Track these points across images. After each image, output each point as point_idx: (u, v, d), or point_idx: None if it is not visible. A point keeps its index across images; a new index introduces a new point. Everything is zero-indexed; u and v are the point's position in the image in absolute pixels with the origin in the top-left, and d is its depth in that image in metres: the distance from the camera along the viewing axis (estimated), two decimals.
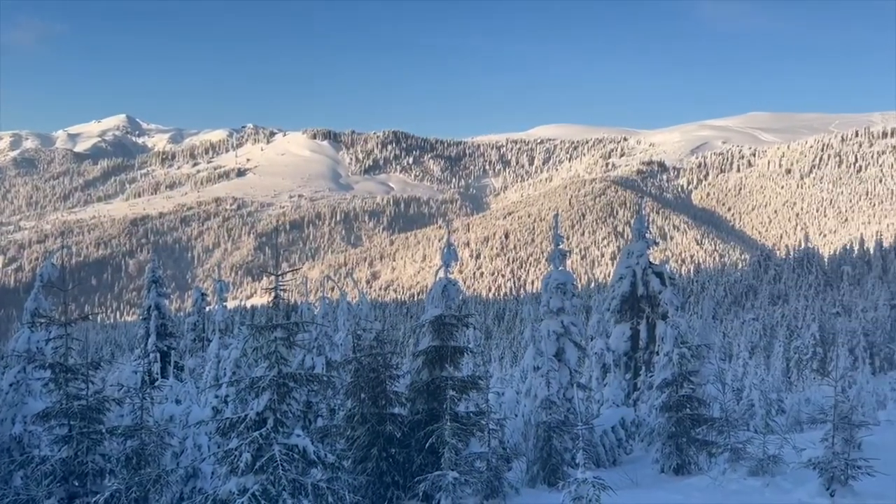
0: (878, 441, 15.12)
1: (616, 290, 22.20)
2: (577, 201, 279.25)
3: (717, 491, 11.29)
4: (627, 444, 17.97)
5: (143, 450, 11.44)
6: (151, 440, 11.63)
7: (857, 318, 77.77)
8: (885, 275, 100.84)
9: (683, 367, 14.84)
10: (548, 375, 15.50)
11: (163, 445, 12.09)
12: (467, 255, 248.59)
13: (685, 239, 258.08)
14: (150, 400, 12.39)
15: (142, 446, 11.40)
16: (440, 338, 13.40)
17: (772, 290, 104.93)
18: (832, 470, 10.30)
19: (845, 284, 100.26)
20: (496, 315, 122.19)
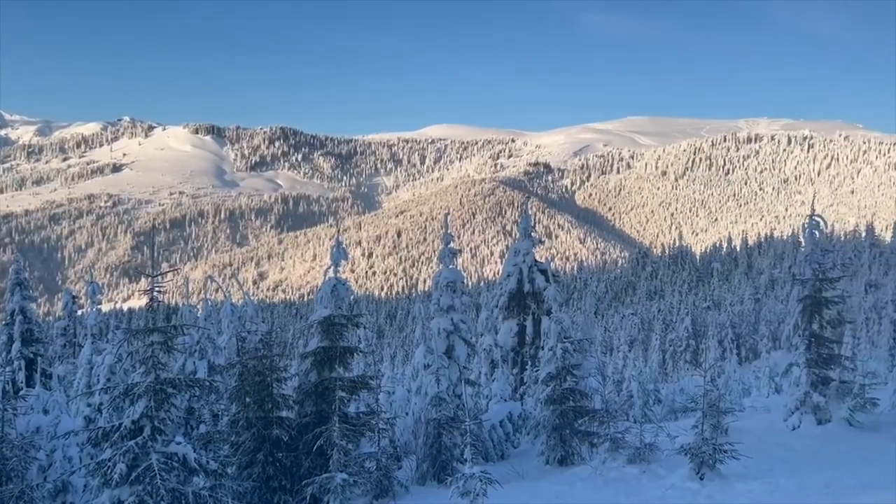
0: (742, 426, 16.27)
1: (504, 287, 22.71)
2: (468, 201, 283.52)
3: (598, 479, 11.77)
4: (515, 438, 18.40)
5: (5, 465, 10.61)
6: (14, 454, 10.81)
7: (726, 311, 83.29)
8: (750, 271, 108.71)
9: (566, 361, 15.36)
10: (438, 373, 15.61)
11: (27, 459, 11.26)
12: (359, 253, 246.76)
13: (569, 237, 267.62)
14: (12, 411, 11.51)
15: (2, 461, 10.56)
16: (329, 338, 13.20)
17: (649, 286, 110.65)
18: (702, 455, 10.98)
19: (715, 280, 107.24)
20: (388, 314, 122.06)
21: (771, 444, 13.67)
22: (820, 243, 18.12)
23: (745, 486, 10.36)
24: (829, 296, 17.73)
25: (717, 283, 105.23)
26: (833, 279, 18.06)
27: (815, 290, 17.31)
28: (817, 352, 17.05)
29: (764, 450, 13.01)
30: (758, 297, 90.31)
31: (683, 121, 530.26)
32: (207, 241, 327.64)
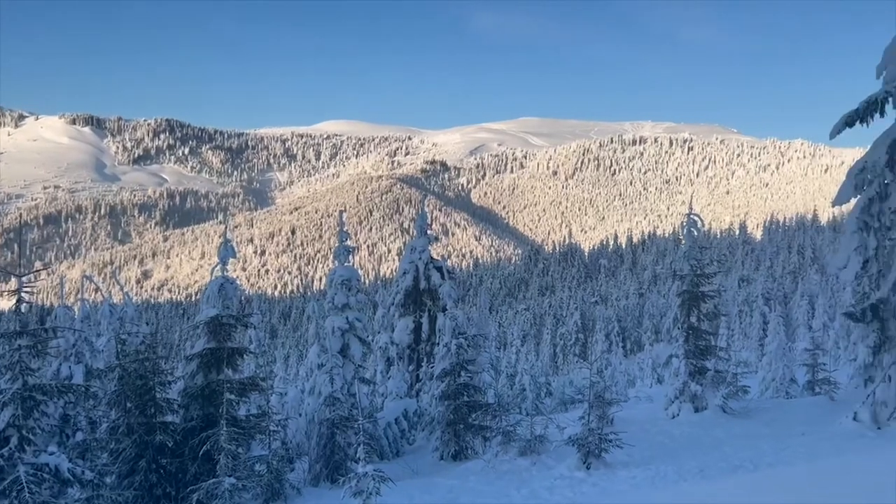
0: (627, 416, 17.01)
1: (400, 284, 22.68)
2: (365, 198, 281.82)
3: (491, 472, 11.98)
4: (410, 435, 18.43)
5: None
6: None
7: (612, 306, 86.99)
8: (635, 267, 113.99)
9: (461, 357, 15.53)
10: (332, 372, 15.40)
11: None
12: (251, 251, 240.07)
13: (465, 235, 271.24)
14: None
15: None
16: (217, 339, 12.74)
17: (541, 282, 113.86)
18: (588, 445, 11.38)
19: (602, 276, 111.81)
20: (282, 313, 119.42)
21: (653, 433, 14.35)
22: (698, 241, 19.18)
23: (627, 473, 10.84)
24: (705, 290, 18.79)
25: (604, 278, 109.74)
26: (709, 274, 19.16)
27: (692, 284, 18.30)
28: (695, 343, 18.05)
29: (646, 438, 13.64)
30: (642, 292, 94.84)
31: (573, 122, 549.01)
32: (86, 238, 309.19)
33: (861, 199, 13.78)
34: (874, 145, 13.75)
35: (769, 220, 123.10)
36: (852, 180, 13.86)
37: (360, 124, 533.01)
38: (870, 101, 13.69)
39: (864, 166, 13.69)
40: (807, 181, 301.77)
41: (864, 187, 13.78)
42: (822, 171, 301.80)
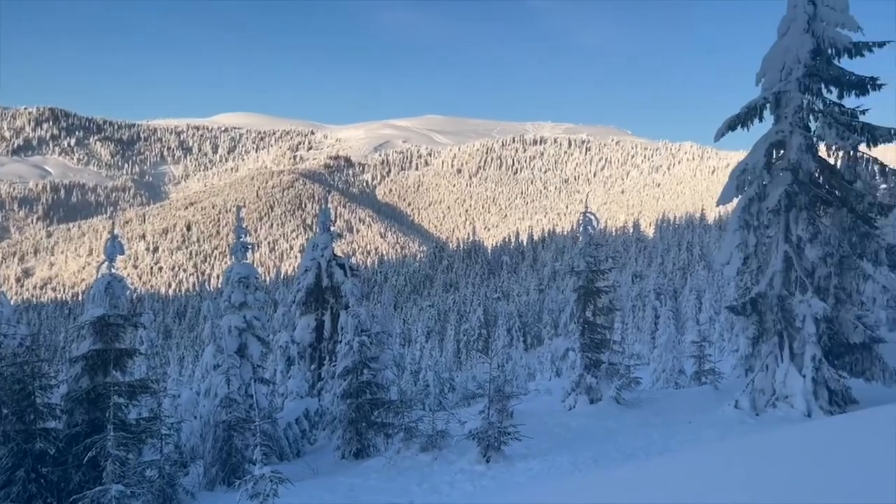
0: (526, 409, 17.40)
1: (301, 282, 22.26)
2: (265, 193, 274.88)
3: (393, 469, 11.96)
4: (312, 435, 18.15)
5: None
6: None
7: (514, 301, 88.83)
8: (535, 264, 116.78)
9: (364, 355, 15.42)
10: (228, 373, 14.94)
11: None
12: (143, 248, 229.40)
13: (370, 232, 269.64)
14: None
15: None
16: (103, 340, 12.09)
17: (445, 279, 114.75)
18: (488, 439, 11.56)
19: (504, 272, 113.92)
20: (177, 313, 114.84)
21: (550, 424, 14.74)
22: (593, 238, 19.85)
23: (525, 465, 11.09)
24: (600, 286, 19.47)
25: (506, 275, 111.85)
26: (604, 271, 19.87)
27: (588, 280, 18.92)
28: (590, 337, 18.68)
29: (544, 430, 14.00)
30: (542, 287, 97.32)
31: (476, 121, 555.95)
32: None
33: (742, 199, 14.64)
34: (754, 148, 14.63)
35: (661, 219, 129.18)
36: (734, 181, 14.70)
37: (260, 117, 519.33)
38: (750, 106, 14.56)
39: (744, 168, 14.55)
40: (695, 182, 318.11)
41: (744, 188, 14.64)
42: (709, 172, 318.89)
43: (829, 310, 13.83)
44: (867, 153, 14.53)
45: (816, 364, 13.67)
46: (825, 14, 13.76)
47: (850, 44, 13.71)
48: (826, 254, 14.14)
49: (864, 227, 14.35)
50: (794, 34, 13.99)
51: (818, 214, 14.40)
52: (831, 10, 13.68)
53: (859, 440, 5.81)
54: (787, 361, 14.06)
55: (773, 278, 14.36)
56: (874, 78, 13.75)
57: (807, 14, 13.81)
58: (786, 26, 14.25)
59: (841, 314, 14.50)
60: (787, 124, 14.08)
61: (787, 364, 14.04)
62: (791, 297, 14.12)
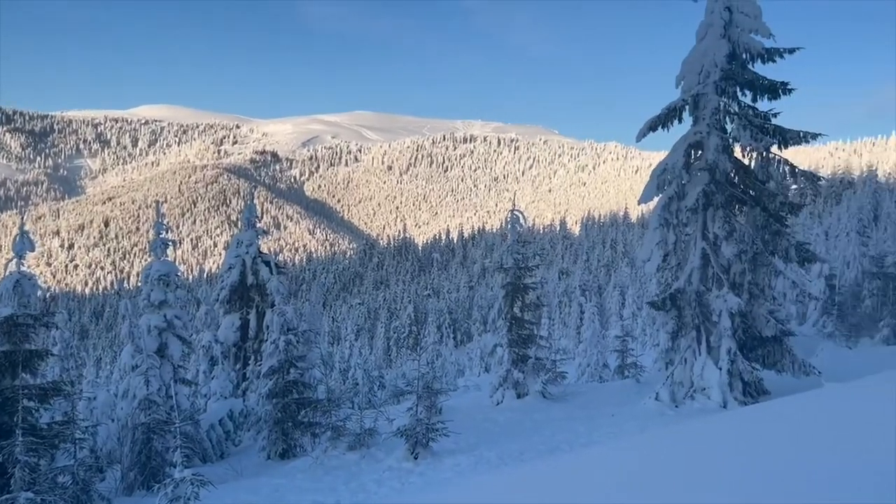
0: (455, 405, 17.48)
1: (225, 279, 21.70)
2: (188, 188, 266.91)
3: (319, 469, 11.80)
4: (236, 436, 17.73)
5: None
6: None
7: (444, 298, 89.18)
8: (465, 261, 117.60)
9: (290, 354, 15.16)
10: (148, 374, 14.42)
11: None
12: (57, 244, 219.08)
13: (298, 228, 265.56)
14: None
15: None
16: (12, 341, 11.43)
17: (375, 277, 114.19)
18: (416, 435, 11.55)
19: (435, 269, 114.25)
20: (94, 312, 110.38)
21: (478, 420, 14.86)
22: (521, 236, 20.10)
23: (453, 460, 11.14)
24: (527, 282, 19.75)
25: (436, 272, 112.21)
26: (531, 267, 20.17)
27: (516, 277, 19.16)
28: (518, 333, 18.93)
29: (472, 425, 14.10)
30: (472, 284, 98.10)
31: (407, 118, 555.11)
32: None
33: (662, 197, 15.11)
34: (673, 149, 15.12)
35: (586, 217, 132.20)
36: (655, 181, 15.15)
37: (182, 110, 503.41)
38: (670, 108, 15.04)
39: (665, 168, 15.01)
40: (620, 181, 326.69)
41: (665, 187, 15.12)
42: (633, 171, 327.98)
43: (743, 305, 14.44)
44: (779, 154, 15.22)
45: (731, 357, 14.25)
46: (740, 20, 14.34)
47: (763, 49, 14.33)
48: (741, 251, 14.75)
49: (776, 225, 15.04)
50: (711, 39, 14.52)
51: (734, 213, 15.01)
52: (746, 17, 14.26)
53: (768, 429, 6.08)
54: (704, 354, 14.61)
55: (691, 274, 14.88)
56: (785, 83, 14.42)
57: (723, 20, 14.35)
58: (704, 31, 14.78)
59: (754, 309, 15.16)
60: (705, 126, 14.60)
61: (704, 357, 14.58)
62: (708, 293, 14.67)
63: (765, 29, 14.21)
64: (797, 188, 20.87)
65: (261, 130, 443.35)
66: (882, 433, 4.53)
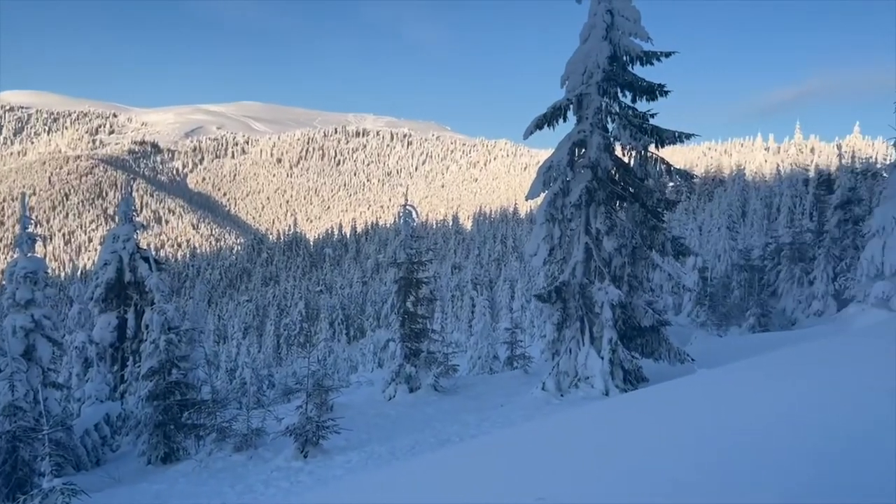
0: (347, 401, 17.33)
1: (101, 277, 20.53)
2: (60, 180, 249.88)
3: (204, 472, 11.37)
4: (114, 441, 16.84)
5: None
6: None
7: (337, 294, 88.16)
8: (359, 256, 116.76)
9: (171, 354, 14.52)
10: (13, 378, 13.39)
11: None
12: None
13: (181, 223, 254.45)
14: None
15: None
16: None
17: (264, 272, 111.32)
18: (306, 434, 11.34)
19: (327, 265, 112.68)
20: None
21: (370, 415, 14.79)
22: (415, 231, 20.16)
23: (344, 457, 11.02)
24: (420, 277, 19.84)
25: (329, 267, 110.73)
26: (424, 262, 20.27)
27: (408, 272, 19.21)
28: (410, 327, 18.99)
29: (364, 421, 14.02)
30: (365, 280, 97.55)
31: (297, 110, 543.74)
32: None
33: (548, 194, 15.56)
34: (559, 147, 15.59)
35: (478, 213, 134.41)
36: (541, 177, 15.58)
37: (52, 96, 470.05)
38: (555, 107, 15.49)
39: (550, 165, 15.46)
40: (510, 177, 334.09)
41: (550, 184, 15.57)
42: (522, 168, 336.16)
43: (623, 296, 15.11)
44: (656, 153, 16.02)
45: (613, 346, 14.88)
46: (621, 24, 14.96)
47: (642, 52, 15.01)
48: (621, 245, 15.44)
49: (654, 220, 15.83)
50: (594, 41, 15.07)
51: (614, 209, 15.68)
52: (626, 21, 14.90)
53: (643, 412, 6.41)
54: (587, 345, 15.19)
55: (575, 268, 15.43)
56: (662, 85, 15.18)
57: (605, 23, 14.92)
58: (587, 33, 15.31)
59: (634, 300, 15.91)
60: (588, 125, 15.15)
61: (587, 347, 15.15)
62: (591, 285, 15.25)
63: (643, 33, 14.89)
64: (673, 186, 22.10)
65: (140, 120, 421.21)
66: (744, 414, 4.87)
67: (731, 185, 70.75)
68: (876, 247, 16.86)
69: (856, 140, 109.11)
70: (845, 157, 34.13)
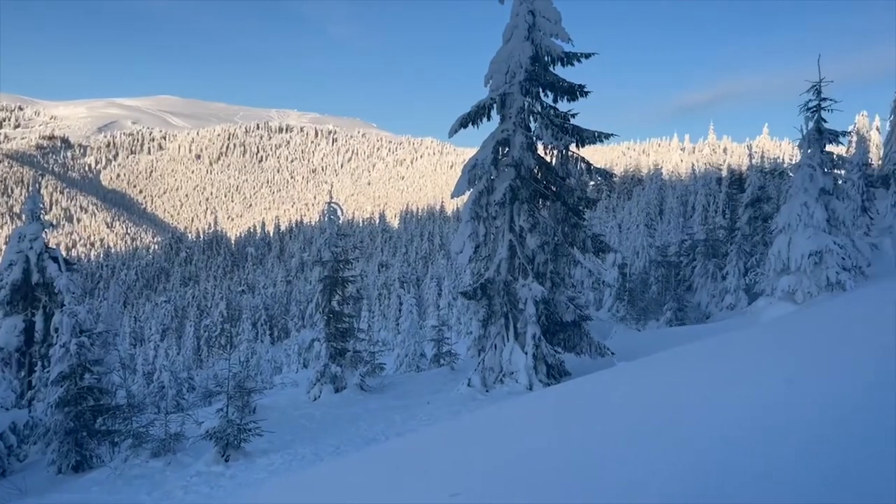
0: (270, 403, 17.00)
1: (5, 278, 19.44)
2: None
3: (119, 479, 10.92)
4: (21, 450, 15.96)
5: None
6: None
7: (260, 294, 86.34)
8: (282, 255, 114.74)
9: (83, 358, 13.88)
10: None
11: None
12: None
13: (94, 221, 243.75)
14: None
15: None
16: None
17: (183, 272, 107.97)
18: (227, 437, 11.05)
19: (250, 264, 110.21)
20: None
21: (295, 416, 14.55)
22: (341, 229, 19.96)
23: (266, 460, 10.80)
24: (346, 275, 19.66)
25: (251, 266, 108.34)
26: (350, 260, 20.09)
27: (334, 270, 19.00)
28: (336, 327, 18.79)
29: (288, 422, 13.78)
30: (289, 279, 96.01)
31: (217, 105, 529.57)
32: None
33: (473, 192, 15.69)
34: (483, 145, 15.74)
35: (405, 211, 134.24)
36: (466, 176, 15.69)
37: None
38: (479, 106, 15.63)
39: (475, 163, 15.59)
40: (436, 175, 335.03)
41: (475, 182, 15.70)
42: (448, 167, 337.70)
43: (546, 293, 15.40)
44: (577, 153, 16.39)
45: (536, 342, 15.15)
46: (542, 24, 15.22)
47: (563, 53, 15.32)
48: (544, 242, 15.74)
49: (575, 218, 16.20)
50: (516, 41, 15.28)
51: (538, 207, 15.96)
52: (547, 21, 15.17)
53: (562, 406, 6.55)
54: (512, 340, 15.40)
55: (500, 265, 15.62)
56: (582, 85, 15.53)
57: (527, 23, 15.15)
58: (510, 33, 15.51)
59: (556, 296, 16.24)
60: (511, 124, 15.36)
61: (512, 343, 15.37)
62: (515, 282, 15.47)
63: (564, 34, 15.19)
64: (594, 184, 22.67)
65: (49, 113, 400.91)
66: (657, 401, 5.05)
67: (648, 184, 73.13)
68: (782, 243, 17.74)
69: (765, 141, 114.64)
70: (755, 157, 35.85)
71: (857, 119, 63.59)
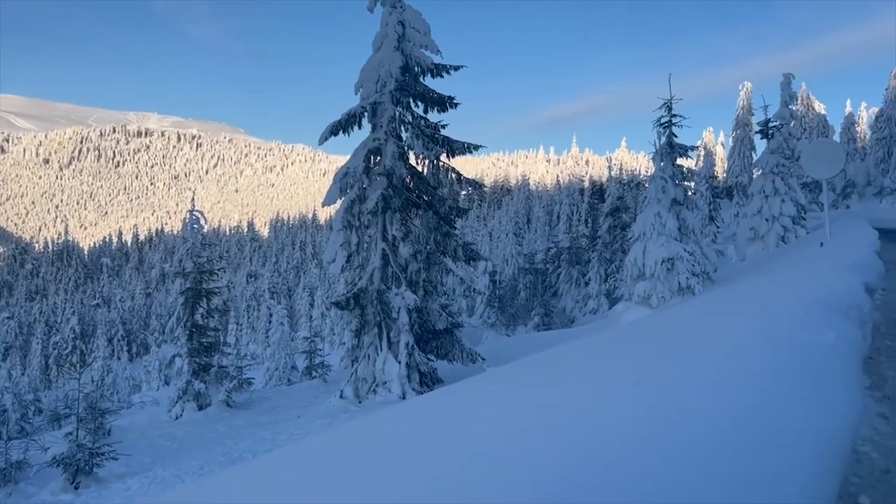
0: (128, 423, 15.94)
1: None
2: None
3: None
4: None
5: None
6: None
7: (116, 308, 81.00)
8: (142, 265, 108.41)
9: None
10: None
11: None
12: None
13: None
14: None
15: None
16: None
17: (29, 286, 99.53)
18: (77, 463, 10.24)
19: (105, 276, 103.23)
20: None
21: (154, 437, 13.73)
22: (205, 238, 19.11)
23: (122, 485, 10.09)
24: (211, 287, 18.85)
25: (107, 278, 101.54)
26: (215, 271, 19.29)
27: (196, 282, 18.16)
28: (199, 341, 17.95)
29: (147, 444, 12.98)
30: (149, 291, 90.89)
31: (67, 106, 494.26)
32: None
33: (345, 200, 15.53)
34: (354, 153, 15.62)
35: (275, 219, 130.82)
36: (338, 184, 15.51)
37: None
38: (350, 114, 15.51)
39: (346, 172, 15.44)
40: (308, 183, 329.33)
41: (347, 190, 15.55)
42: (321, 174, 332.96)
43: (419, 301, 15.48)
44: (448, 163, 16.62)
45: (409, 350, 15.17)
46: (412, 35, 15.34)
47: (433, 64, 15.50)
48: (416, 251, 15.81)
49: (447, 227, 16.41)
50: (386, 50, 15.30)
51: (410, 216, 16.02)
52: (417, 33, 15.31)
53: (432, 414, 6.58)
54: (385, 350, 15.34)
55: (373, 274, 15.53)
56: (451, 97, 15.79)
57: (397, 33, 15.22)
58: (380, 42, 15.52)
59: (429, 304, 16.35)
60: (383, 133, 15.35)
61: (385, 352, 15.31)
62: (389, 291, 15.44)
63: (433, 45, 15.39)
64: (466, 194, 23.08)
65: None
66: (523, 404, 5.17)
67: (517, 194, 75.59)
68: (638, 250, 18.81)
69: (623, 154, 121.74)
70: (614, 169, 37.95)
71: (704, 134, 68.96)
